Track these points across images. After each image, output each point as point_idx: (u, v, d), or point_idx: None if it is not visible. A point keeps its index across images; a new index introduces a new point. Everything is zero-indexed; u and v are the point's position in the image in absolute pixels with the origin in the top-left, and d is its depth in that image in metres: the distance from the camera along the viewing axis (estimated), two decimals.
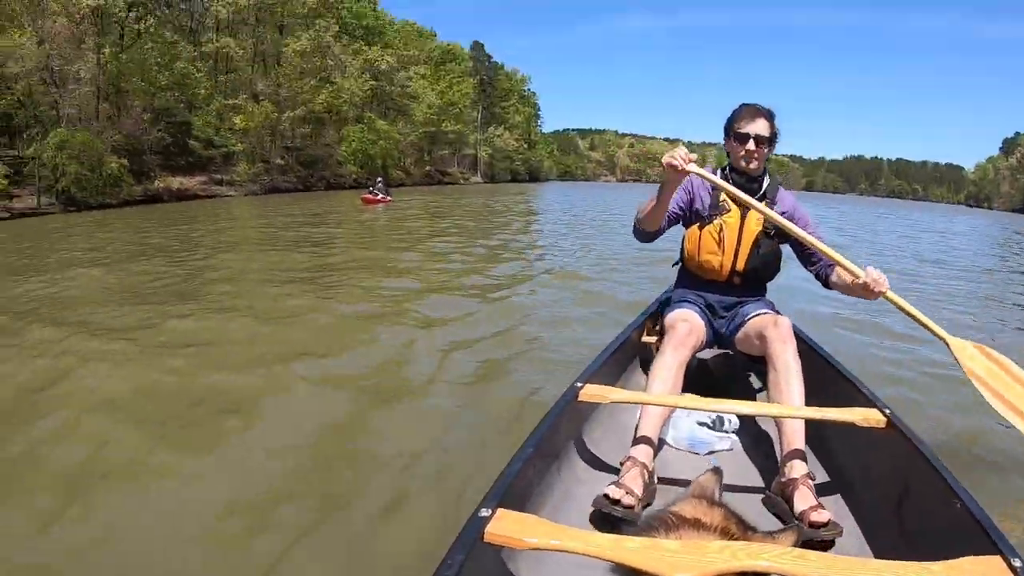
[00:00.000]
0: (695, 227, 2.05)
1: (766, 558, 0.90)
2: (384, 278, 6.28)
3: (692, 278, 2.13)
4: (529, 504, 1.33)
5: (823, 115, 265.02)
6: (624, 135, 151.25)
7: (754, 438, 1.91)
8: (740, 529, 0.98)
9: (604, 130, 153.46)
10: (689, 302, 2.07)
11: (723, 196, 1.98)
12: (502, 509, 1.12)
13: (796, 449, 1.57)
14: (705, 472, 1.12)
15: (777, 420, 1.65)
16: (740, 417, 1.93)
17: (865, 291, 1.71)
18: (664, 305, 2.26)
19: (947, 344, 1.67)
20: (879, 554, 1.33)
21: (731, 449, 1.85)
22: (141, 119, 27.48)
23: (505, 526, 1.08)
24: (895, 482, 1.45)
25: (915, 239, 15.84)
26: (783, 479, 1.55)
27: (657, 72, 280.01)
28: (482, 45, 68.62)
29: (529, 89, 76.58)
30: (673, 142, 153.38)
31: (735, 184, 1.91)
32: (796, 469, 1.53)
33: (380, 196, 20.68)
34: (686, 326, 1.90)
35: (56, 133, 23.41)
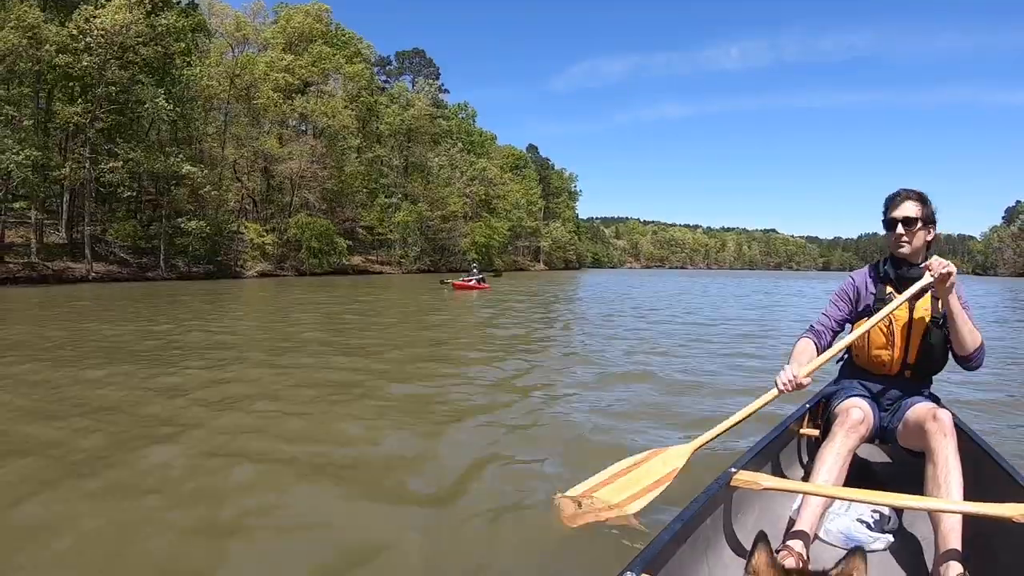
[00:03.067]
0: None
1: None
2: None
3: (859, 371, 2.13)
4: None
5: (837, 196, 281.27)
6: (647, 223, 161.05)
7: (911, 540, 1.82)
8: None
9: (627, 218, 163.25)
10: (858, 392, 2.06)
11: (889, 289, 2.01)
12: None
13: (952, 549, 1.51)
14: (849, 558, 0.98)
15: (932, 517, 1.60)
16: (899, 516, 1.87)
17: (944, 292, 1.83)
18: (828, 397, 2.21)
19: None
20: None
21: (886, 549, 1.78)
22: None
23: None
24: None
25: None
26: None
27: (678, 157, 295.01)
28: (536, 148, 78.66)
29: (576, 187, 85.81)
30: (693, 228, 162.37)
31: (895, 274, 2.00)
32: (951, 570, 1.48)
33: (474, 282, 19.22)
34: (859, 413, 1.90)
35: (299, 217, 29.36)
